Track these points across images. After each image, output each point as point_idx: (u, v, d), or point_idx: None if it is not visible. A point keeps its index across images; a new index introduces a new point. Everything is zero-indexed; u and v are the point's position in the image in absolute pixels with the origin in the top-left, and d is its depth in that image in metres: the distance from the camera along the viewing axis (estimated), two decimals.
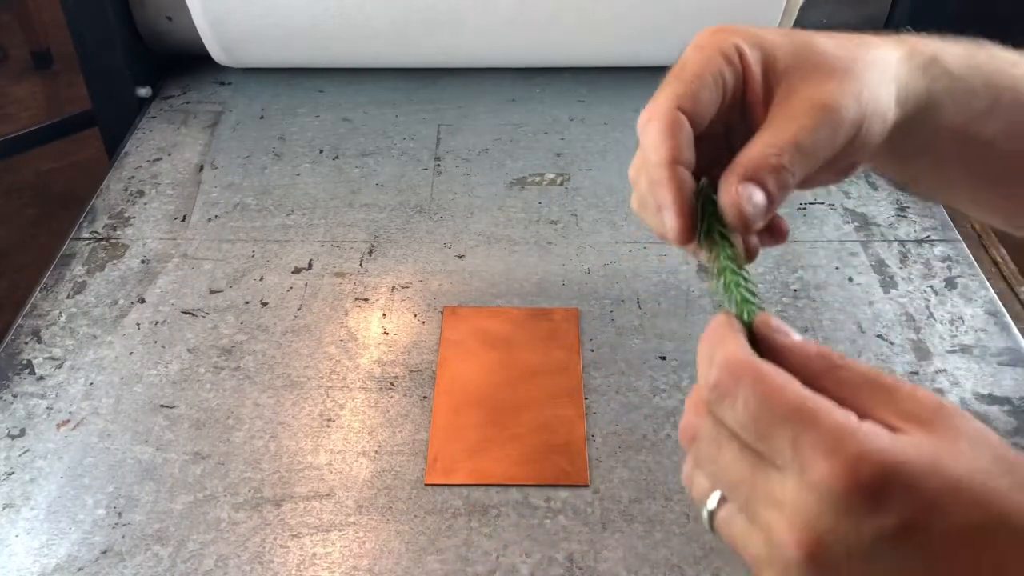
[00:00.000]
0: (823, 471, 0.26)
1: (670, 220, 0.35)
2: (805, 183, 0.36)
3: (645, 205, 0.36)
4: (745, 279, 0.35)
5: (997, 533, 0.26)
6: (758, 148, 0.34)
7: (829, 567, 0.27)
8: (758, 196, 0.34)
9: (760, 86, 0.36)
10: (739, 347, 0.30)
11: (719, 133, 0.37)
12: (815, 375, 0.29)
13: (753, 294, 0.33)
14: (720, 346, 0.30)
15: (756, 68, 0.36)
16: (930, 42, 0.39)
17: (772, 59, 0.36)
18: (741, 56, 0.36)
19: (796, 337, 0.30)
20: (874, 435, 0.27)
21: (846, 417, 0.27)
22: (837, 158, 0.35)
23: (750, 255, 0.38)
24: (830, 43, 0.37)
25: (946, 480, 0.26)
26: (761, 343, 0.31)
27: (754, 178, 0.34)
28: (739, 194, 0.34)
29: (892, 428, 0.27)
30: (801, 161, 0.34)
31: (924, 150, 0.40)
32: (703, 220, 0.36)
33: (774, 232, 0.39)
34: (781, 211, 0.37)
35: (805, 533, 0.27)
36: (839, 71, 0.35)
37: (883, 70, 0.36)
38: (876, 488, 0.26)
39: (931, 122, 0.38)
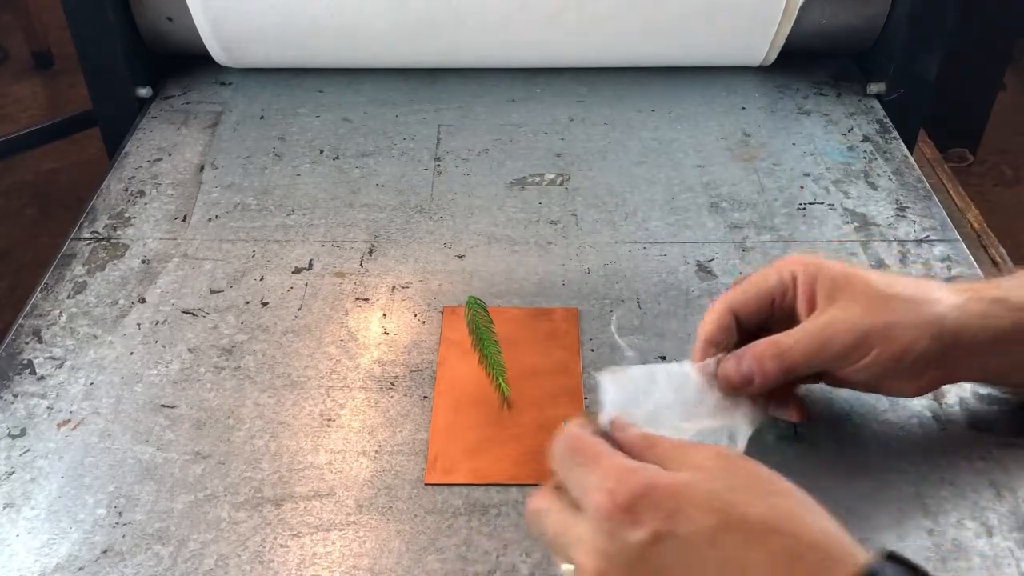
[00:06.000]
0: (597, 500, 0.35)
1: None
2: (876, 390, 0.48)
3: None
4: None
5: (732, 532, 0.34)
6: (761, 345, 0.45)
7: None
8: (736, 375, 0.46)
9: (804, 304, 0.46)
10: (578, 430, 0.40)
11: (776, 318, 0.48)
12: (640, 450, 0.39)
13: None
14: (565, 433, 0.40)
15: (803, 288, 0.46)
16: (997, 285, 0.47)
17: (815, 284, 0.46)
18: (794, 280, 0.47)
19: (631, 431, 0.41)
20: (642, 469, 0.36)
21: (624, 459, 0.37)
22: (857, 371, 0.45)
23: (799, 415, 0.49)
24: (879, 279, 0.46)
25: (690, 497, 0.34)
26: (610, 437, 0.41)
27: (744, 360, 0.46)
28: (726, 365, 0.46)
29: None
30: (782, 365, 0.45)
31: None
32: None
33: (795, 410, 0.49)
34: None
35: (594, 557, 0.34)
36: (863, 304, 0.44)
37: (918, 310, 0.45)
38: (630, 506, 0.34)
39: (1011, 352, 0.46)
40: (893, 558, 0.34)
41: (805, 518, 0.35)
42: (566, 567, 0.37)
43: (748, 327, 0.48)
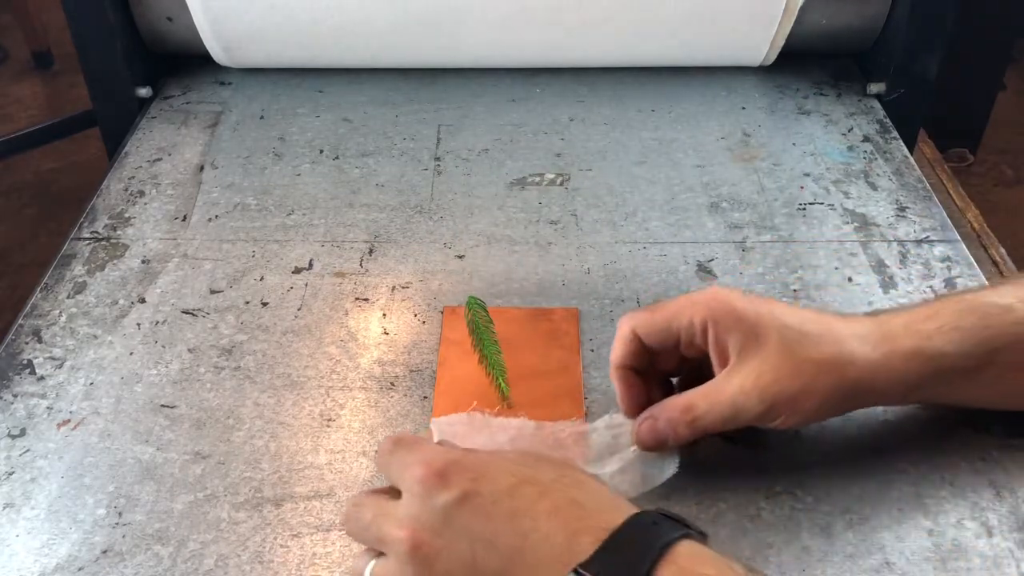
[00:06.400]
0: (414, 471, 0.40)
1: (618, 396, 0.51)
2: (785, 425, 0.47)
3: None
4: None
5: (528, 486, 0.39)
6: (675, 411, 0.47)
7: (427, 543, 0.38)
8: (650, 439, 0.48)
9: (716, 355, 0.47)
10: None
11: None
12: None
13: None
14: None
15: (714, 339, 0.47)
16: (918, 331, 0.47)
17: (727, 336, 0.46)
18: (704, 328, 0.47)
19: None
20: (448, 449, 0.42)
21: (435, 445, 0.43)
22: (767, 413, 0.46)
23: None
24: (791, 332, 0.46)
25: (494, 465, 0.40)
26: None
27: (659, 423, 0.48)
28: (640, 428, 0.48)
29: None
30: (694, 430, 0.47)
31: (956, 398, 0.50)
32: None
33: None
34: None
35: (407, 523, 0.39)
36: (773, 366, 0.45)
37: (829, 375, 0.46)
38: (442, 471, 0.39)
39: (928, 391, 0.48)
40: (662, 512, 0.39)
41: (587, 483, 0.41)
42: (368, 568, 0.41)
43: (658, 350, 0.49)
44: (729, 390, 0.46)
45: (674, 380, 0.52)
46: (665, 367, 0.51)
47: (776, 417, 0.46)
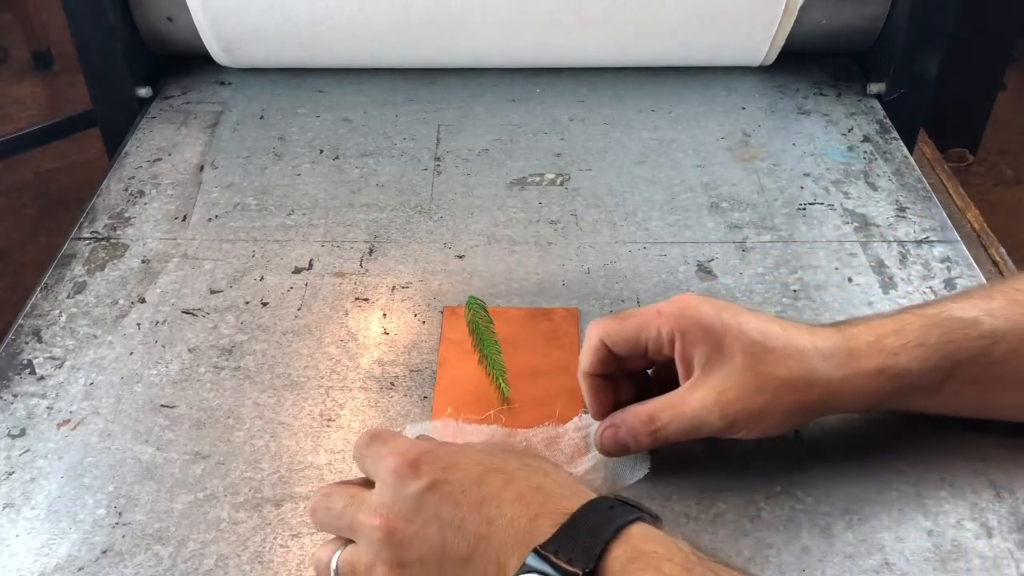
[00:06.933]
0: (388, 462, 0.41)
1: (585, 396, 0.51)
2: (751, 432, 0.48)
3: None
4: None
5: (495, 475, 0.41)
6: (637, 420, 0.48)
7: (399, 529, 0.40)
8: (611, 446, 0.49)
9: (682, 365, 0.48)
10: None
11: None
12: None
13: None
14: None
15: (680, 351, 0.47)
16: (880, 350, 0.47)
17: (693, 348, 0.47)
18: (672, 340, 0.47)
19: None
20: (422, 441, 0.44)
21: (408, 438, 0.44)
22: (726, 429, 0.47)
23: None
24: (754, 346, 0.46)
25: (464, 455, 0.42)
26: None
27: (621, 432, 0.49)
28: (604, 435, 0.49)
29: None
30: (655, 440, 0.48)
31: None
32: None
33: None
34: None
35: (380, 510, 0.40)
36: (736, 381, 0.46)
37: (791, 392, 0.46)
38: (414, 462, 0.41)
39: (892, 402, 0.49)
40: (619, 498, 0.41)
41: (551, 472, 0.42)
42: (334, 559, 0.42)
43: (625, 356, 0.50)
44: (691, 404, 0.46)
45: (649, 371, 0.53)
46: (634, 368, 0.51)
47: (738, 431, 0.47)
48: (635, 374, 0.52)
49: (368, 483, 0.43)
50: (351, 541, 0.43)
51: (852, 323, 0.49)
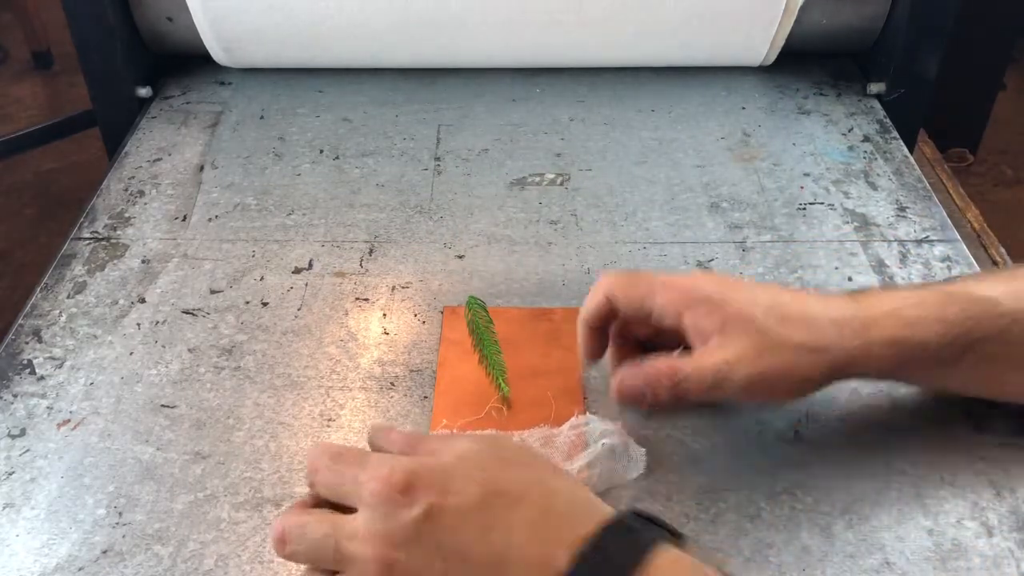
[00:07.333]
0: (371, 488, 0.37)
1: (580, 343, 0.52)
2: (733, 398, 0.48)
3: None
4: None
5: (498, 497, 0.38)
6: (658, 369, 0.48)
7: (399, 562, 0.36)
8: (628, 391, 0.49)
9: (693, 334, 0.48)
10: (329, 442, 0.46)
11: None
12: (406, 449, 0.42)
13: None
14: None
15: (693, 327, 0.47)
16: (897, 320, 0.47)
17: (705, 320, 0.47)
18: (680, 316, 0.48)
19: (392, 434, 0.43)
20: (403, 458, 0.39)
21: (390, 455, 0.41)
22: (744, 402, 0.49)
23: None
24: (769, 315, 0.46)
25: (457, 474, 0.38)
26: (373, 445, 0.44)
27: (639, 378, 0.48)
28: (624, 375, 0.49)
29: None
30: (675, 393, 0.47)
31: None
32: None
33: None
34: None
35: (374, 543, 0.37)
36: (755, 344, 0.46)
37: (808, 357, 0.46)
38: (404, 488, 0.37)
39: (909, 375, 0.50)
40: (636, 513, 0.39)
41: (559, 488, 0.40)
42: None
43: (629, 317, 0.50)
44: (713, 360, 0.46)
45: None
46: (639, 334, 0.51)
47: (754, 394, 0.47)
48: (639, 346, 0.52)
49: (332, 504, 0.40)
50: (333, 573, 0.39)
51: (869, 293, 0.49)
